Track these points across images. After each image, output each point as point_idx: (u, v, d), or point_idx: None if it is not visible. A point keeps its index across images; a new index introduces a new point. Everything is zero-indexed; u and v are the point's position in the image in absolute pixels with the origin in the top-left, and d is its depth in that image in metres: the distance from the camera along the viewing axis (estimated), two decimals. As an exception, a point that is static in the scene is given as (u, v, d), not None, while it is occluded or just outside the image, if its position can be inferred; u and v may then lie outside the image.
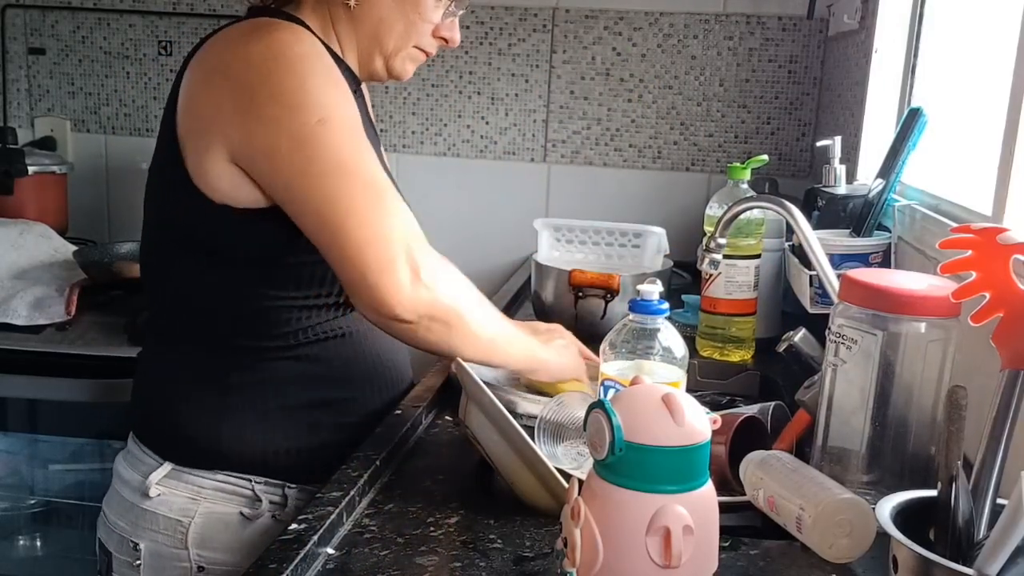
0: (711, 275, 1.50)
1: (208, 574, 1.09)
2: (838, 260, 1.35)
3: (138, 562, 1.10)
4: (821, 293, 1.38)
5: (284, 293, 1.06)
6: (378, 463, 1.01)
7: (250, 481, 1.09)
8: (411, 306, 0.98)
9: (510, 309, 1.86)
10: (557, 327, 1.27)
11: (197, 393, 1.09)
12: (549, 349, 1.19)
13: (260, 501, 1.09)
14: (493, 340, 1.09)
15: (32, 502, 2.01)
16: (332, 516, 0.87)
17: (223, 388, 1.08)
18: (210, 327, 1.09)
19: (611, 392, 1.02)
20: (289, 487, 1.10)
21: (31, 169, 2.31)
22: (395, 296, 0.97)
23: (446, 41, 1.19)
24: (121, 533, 1.12)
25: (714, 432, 0.72)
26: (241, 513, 1.09)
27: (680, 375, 1.01)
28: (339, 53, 1.15)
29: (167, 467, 1.09)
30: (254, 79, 1.00)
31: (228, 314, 1.08)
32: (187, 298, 1.10)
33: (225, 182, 1.02)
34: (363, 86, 1.27)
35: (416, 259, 0.98)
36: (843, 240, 1.43)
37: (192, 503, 1.08)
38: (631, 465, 0.69)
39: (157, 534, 1.09)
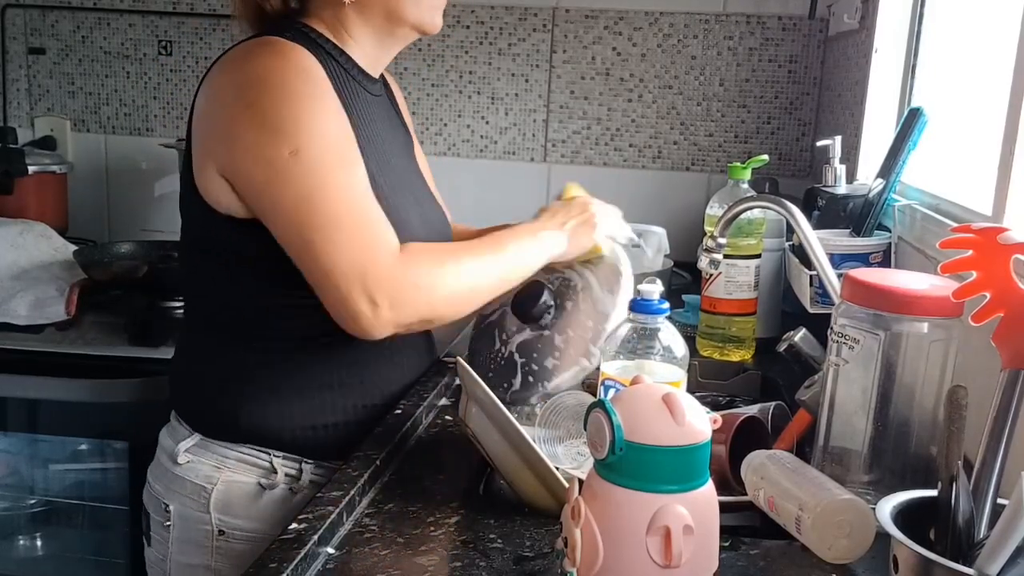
0: (711, 275, 1.50)
1: (227, 537, 1.15)
2: (838, 260, 1.35)
3: (168, 522, 1.18)
4: (821, 293, 1.38)
5: (297, 293, 1.09)
6: (378, 463, 1.01)
7: (269, 454, 1.16)
8: (380, 330, 1.05)
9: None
10: (567, 206, 1.32)
11: (223, 375, 1.17)
12: (556, 240, 1.23)
13: (276, 473, 1.15)
14: (489, 288, 1.16)
15: (32, 502, 2.00)
16: (332, 516, 0.87)
17: (246, 372, 1.16)
18: (229, 320, 1.17)
19: (611, 392, 1.02)
20: (306, 462, 1.16)
21: (31, 169, 2.31)
22: (361, 326, 1.04)
23: None
24: (156, 495, 1.20)
25: (714, 432, 0.72)
26: (259, 483, 1.15)
27: (681, 375, 1.01)
28: (351, 54, 1.17)
29: (196, 437, 1.17)
30: (238, 103, 1.06)
31: (244, 311, 1.15)
32: (208, 295, 1.19)
33: (223, 195, 1.09)
34: (392, 83, 1.33)
35: (372, 287, 1.03)
36: (843, 240, 1.43)
37: (216, 471, 1.16)
38: (631, 465, 0.69)
39: (185, 497, 1.17)
